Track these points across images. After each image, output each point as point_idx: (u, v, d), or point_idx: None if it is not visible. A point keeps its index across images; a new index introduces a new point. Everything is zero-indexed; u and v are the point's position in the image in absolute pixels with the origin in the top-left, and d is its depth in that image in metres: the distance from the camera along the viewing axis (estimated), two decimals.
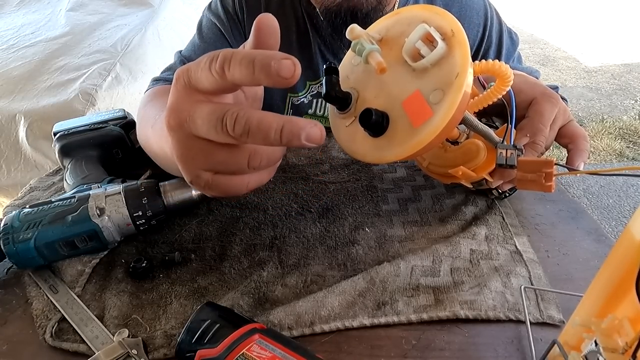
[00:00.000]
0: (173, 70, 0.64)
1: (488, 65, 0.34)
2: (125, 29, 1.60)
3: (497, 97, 0.37)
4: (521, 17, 4.60)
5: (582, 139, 0.43)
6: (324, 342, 0.33)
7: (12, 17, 1.82)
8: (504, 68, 0.34)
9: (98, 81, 1.29)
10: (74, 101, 1.21)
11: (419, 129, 0.31)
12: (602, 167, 2.11)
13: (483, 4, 0.68)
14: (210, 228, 0.45)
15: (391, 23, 0.35)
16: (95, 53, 1.44)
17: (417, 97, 0.31)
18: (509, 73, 0.35)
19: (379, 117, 0.32)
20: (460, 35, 0.31)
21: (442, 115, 0.30)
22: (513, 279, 0.37)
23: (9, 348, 0.34)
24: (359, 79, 0.36)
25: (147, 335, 0.34)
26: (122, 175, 0.49)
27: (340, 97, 0.35)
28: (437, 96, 0.31)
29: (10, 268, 0.42)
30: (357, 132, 0.35)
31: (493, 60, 0.35)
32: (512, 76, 0.35)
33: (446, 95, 0.30)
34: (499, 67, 0.34)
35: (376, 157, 0.34)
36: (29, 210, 0.40)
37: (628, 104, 2.74)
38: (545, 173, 0.36)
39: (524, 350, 0.31)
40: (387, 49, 0.34)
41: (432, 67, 0.31)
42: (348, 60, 0.38)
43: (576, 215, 0.46)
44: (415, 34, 0.31)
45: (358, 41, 0.33)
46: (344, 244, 0.42)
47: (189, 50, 0.67)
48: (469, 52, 0.30)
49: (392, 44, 0.34)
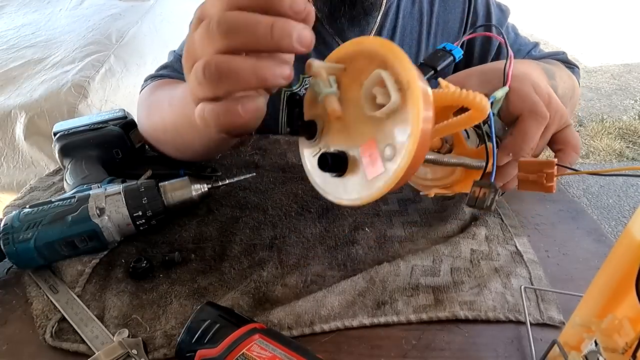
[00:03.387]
0: (168, 69, 0.64)
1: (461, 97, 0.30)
2: (121, 21, 1.58)
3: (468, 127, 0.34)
4: (521, 17, 4.60)
5: (572, 150, 0.41)
6: (324, 342, 0.33)
7: (12, 17, 1.82)
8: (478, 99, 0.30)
9: (91, 73, 1.26)
10: (66, 94, 1.19)
11: (372, 181, 0.29)
12: (602, 167, 2.11)
13: None
14: (210, 228, 0.45)
15: (355, 53, 0.31)
16: (90, 45, 1.42)
17: (371, 146, 0.29)
18: (484, 105, 0.30)
19: (336, 161, 0.30)
20: (414, 88, 0.27)
21: (393, 175, 0.28)
22: (513, 279, 0.37)
23: (9, 348, 0.34)
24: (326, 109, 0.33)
25: (147, 335, 0.34)
26: (122, 175, 0.49)
27: (304, 129, 0.33)
28: (389, 152, 0.28)
29: (10, 268, 0.41)
30: None
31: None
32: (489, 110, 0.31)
33: (397, 154, 0.28)
34: (472, 99, 0.30)
35: (336, 197, 0.32)
36: (29, 210, 0.40)
37: (628, 104, 2.75)
38: (546, 173, 0.35)
39: (524, 351, 0.31)
40: (348, 82, 0.32)
41: (386, 119, 0.29)
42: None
43: (576, 215, 0.46)
44: (371, 79, 0.29)
45: (315, 81, 0.31)
46: (343, 244, 0.42)
47: (183, 47, 0.67)
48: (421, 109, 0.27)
49: (354, 78, 0.31)
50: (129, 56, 1.42)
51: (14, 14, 1.83)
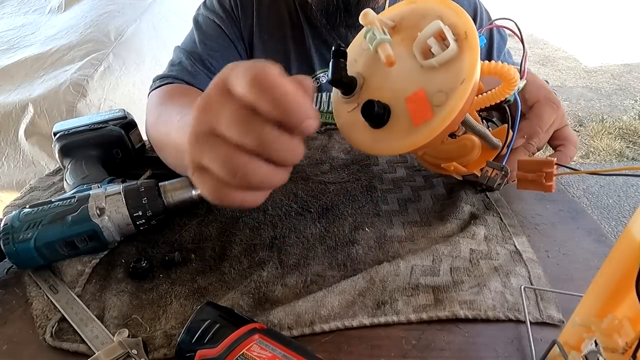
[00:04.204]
0: (180, 67, 0.63)
1: (497, 67, 0.34)
2: (120, 18, 1.57)
3: (501, 99, 0.37)
4: (521, 17, 4.60)
5: (572, 145, 0.45)
6: (324, 342, 0.33)
7: (12, 17, 1.81)
8: (512, 72, 0.34)
9: (89, 71, 1.26)
10: (65, 93, 1.18)
11: (418, 128, 0.31)
12: (602, 167, 2.11)
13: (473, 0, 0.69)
14: (210, 228, 0.45)
15: (406, 11, 0.34)
16: (88, 42, 1.40)
17: (420, 95, 0.31)
18: (516, 77, 0.34)
19: (381, 109, 0.32)
20: (473, 38, 0.30)
21: (442, 119, 0.30)
22: (513, 278, 0.37)
23: (9, 348, 0.34)
24: (367, 65, 0.35)
25: (147, 335, 0.34)
26: (122, 175, 0.49)
27: (346, 82, 0.34)
28: (440, 98, 0.30)
29: (10, 268, 0.42)
30: (358, 119, 0.34)
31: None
32: (519, 80, 0.35)
33: (449, 99, 0.30)
34: (507, 70, 0.34)
35: (373, 148, 0.34)
36: (29, 210, 0.40)
37: (628, 104, 2.74)
38: (545, 173, 0.36)
39: (524, 350, 0.31)
40: (398, 39, 0.33)
41: (440, 67, 0.31)
42: (358, 43, 0.37)
43: (576, 215, 0.46)
44: (428, 30, 0.30)
45: (370, 28, 0.32)
46: (343, 244, 0.42)
47: (190, 46, 0.66)
48: (478, 57, 0.30)
49: (405, 34, 0.33)
50: (127, 54, 1.41)
51: (15, 14, 1.83)
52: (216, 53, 0.64)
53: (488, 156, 0.42)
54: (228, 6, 0.67)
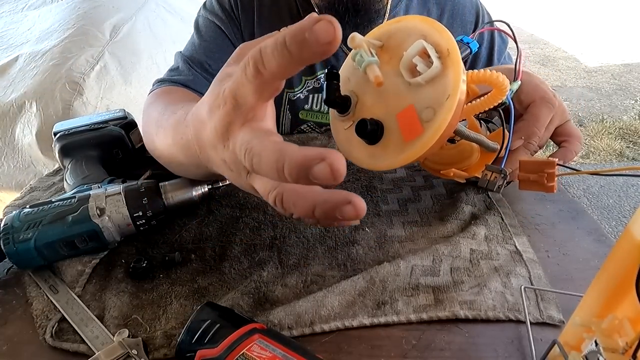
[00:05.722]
0: (177, 72, 0.63)
1: (485, 76, 0.35)
2: (114, 13, 1.54)
3: (493, 105, 0.38)
4: (521, 17, 4.60)
5: (577, 140, 0.45)
6: (324, 342, 0.33)
7: (12, 16, 1.81)
8: (501, 78, 0.35)
9: (85, 69, 1.25)
10: (61, 91, 1.18)
11: (410, 143, 0.32)
12: (602, 167, 2.11)
13: (475, 2, 0.70)
14: (210, 228, 0.45)
15: (393, 30, 0.35)
16: (81, 35, 1.38)
17: (410, 112, 0.32)
18: (505, 83, 0.35)
19: (374, 127, 0.33)
20: (455, 55, 0.31)
21: (432, 133, 0.31)
22: (513, 279, 0.37)
23: (9, 348, 0.34)
24: (359, 84, 0.36)
25: (147, 335, 0.34)
26: (122, 175, 0.49)
27: (340, 102, 0.35)
28: (428, 114, 0.31)
29: (10, 268, 0.42)
30: (354, 137, 0.35)
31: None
32: (509, 86, 0.36)
33: (436, 115, 0.31)
34: (496, 78, 0.35)
35: (370, 164, 0.35)
36: (29, 211, 0.40)
37: (628, 104, 2.75)
38: (547, 173, 0.36)
39: (524, 350, 0.31)
40: (386, 57, 0.35)
41: (426, 84, 0.32)
42: (350, 63, 0.38)
43: (576, 215, 0.46)
44: (413, 49, 0.32)
45: (357, 51, 0.33)
46: (344, 244, 0.42)
47: (189, 50, 0.67)
48: (461, 72, 0.31)
49: (392, 53, 0.34)
50: (123, 54, 1.40)
51: (15, 14, 1.83)
52: (215, 54, 0.64)
53: (487, 159, 0.43)
54: (228, 6, 0.67)
